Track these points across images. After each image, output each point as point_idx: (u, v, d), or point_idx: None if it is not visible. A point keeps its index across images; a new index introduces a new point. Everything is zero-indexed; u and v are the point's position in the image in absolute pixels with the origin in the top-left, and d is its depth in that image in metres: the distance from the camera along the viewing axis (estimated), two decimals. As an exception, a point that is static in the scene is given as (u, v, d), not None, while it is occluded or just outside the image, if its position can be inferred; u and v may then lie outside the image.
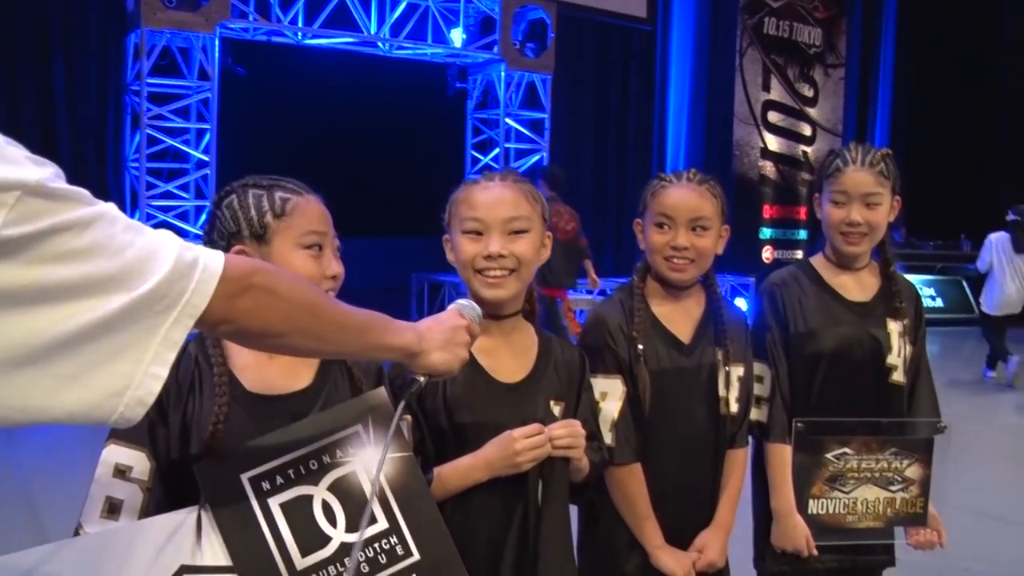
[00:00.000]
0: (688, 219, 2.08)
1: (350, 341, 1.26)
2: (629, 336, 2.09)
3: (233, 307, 1.07)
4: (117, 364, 0.95)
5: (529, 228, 1.79)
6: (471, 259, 1.77)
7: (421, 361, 1.38)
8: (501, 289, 1.77)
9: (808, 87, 12.73)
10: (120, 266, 0.94)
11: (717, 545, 2.13)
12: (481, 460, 1.72)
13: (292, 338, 1.17)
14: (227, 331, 1.12)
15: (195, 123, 8.30)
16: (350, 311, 1.26)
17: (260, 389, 1.48)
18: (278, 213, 1.50)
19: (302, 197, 1.53)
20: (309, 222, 1.52)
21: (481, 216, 1.77)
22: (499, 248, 1.75)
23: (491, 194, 1.79)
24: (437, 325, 1.42)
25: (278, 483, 1.36)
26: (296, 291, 1.17)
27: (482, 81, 10.36)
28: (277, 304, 1.13)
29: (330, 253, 1.54)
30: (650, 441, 2.09)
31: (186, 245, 1.03)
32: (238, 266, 1.08)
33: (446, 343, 1.40)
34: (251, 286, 1.09)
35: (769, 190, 12.37)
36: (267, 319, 1.12)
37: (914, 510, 2.27)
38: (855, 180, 2.24)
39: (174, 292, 0.98)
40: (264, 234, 1.49)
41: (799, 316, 2.29)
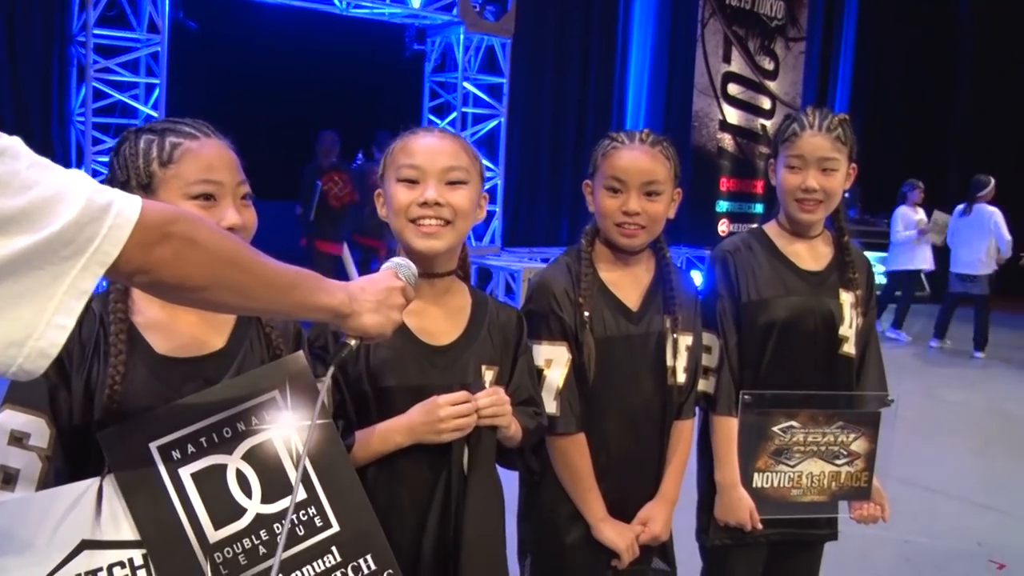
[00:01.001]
0: (640, 183, 2.01)
1: (276, 299, 1.20)
2: (575, 302, 2.02)
3: (150, 256, 1.00)
4: (18, 311, 0.89)
5: (467, 180, 1.71)
6: (405, 207, 1.69)
7: (352, 323, 1.31)
8: (436, 240, 1.69)
9: (769, 60, 12.71)
10: (23, 205, 0.88)
11: (661, 518, 2.09)
12: (403, 424, 1.65)
13: (213, 292, 1.10)
14: (143, 282, 1.05)
15: (144, 78, 8.06)
16: (278, 267, 1.18)
17: (169, 351, 1.38)
18: (164, 160, 1.38)
19: (196, 141, 1.40)
20: (198, 170, 1.39)
21: (419, 163, 1.69)
22: (436, 195, 1.67)
23: (429, 142, 1.72)
24: (371, 286, 1.35)
25: (189, 452, 1.28)
26: (220, 243, 1.10)
27: (440, 43, 10.19)
28: (198, 255, 1.06)
29: (228, 203, 1.41)
30: (595, 411, 2.03)
31: (100, 188, 0.97)
32: (157, 213, 1.01)
33: (379, 305, 1.34)
34: (170, 235, 1.02)
35: (727, 163, 12.38)
36: (187, 271, 1.05)
37: (858, 484, 2.25)
38: (812, 145, 2.18)
39: (83, 237, 0.92)
40: (150, 183, 1.38)
41: (751, 285, 2.24)
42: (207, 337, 1.42)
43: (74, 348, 1.34)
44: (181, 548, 1.25)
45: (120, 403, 1.31)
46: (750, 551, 2.25)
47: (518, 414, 1.78)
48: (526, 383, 1.86)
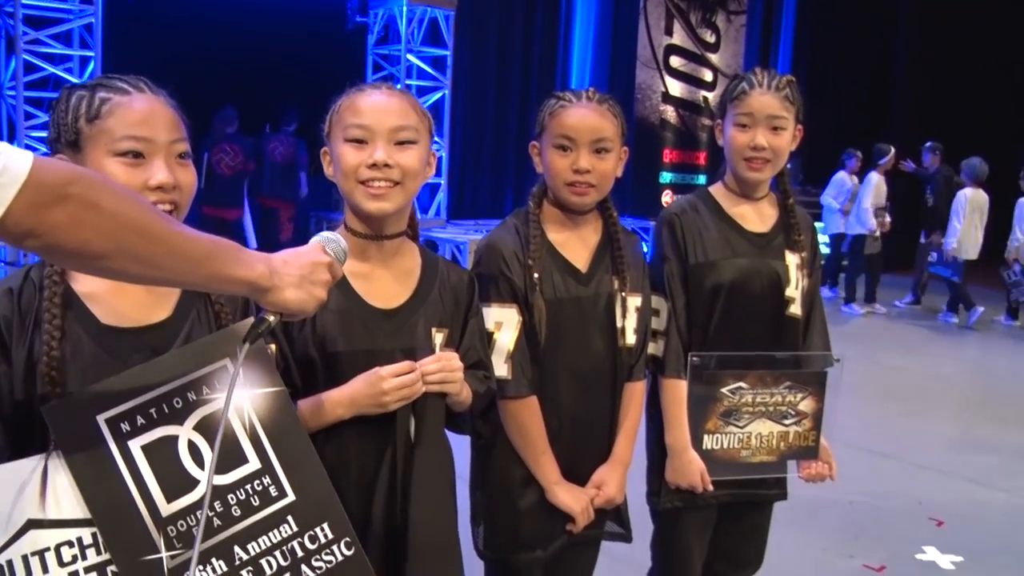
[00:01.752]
0: (590, 140, 2.00)
1: (187, 270, 1.12)
2: (525, 264, 2.01)
3: (42, 219, 0.94)
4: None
5: (417, 140, 1.68)
6: (354, 168, 1.65)
7: (271, 297, 1.23)
8: (385, 201, 1.65)
9: (710, 33, 12.76)
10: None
11: (615, 481, 2.10)
12: (345, 396, 1.61)
13: (115, 261, 1.03)
14: (35, 246, 0.98)
15: (78, 50, 7.83)
16: (192, 236, 1.11)
17: (114, 321, 1.35)
18: (91, 116, 1.33)
19: (127, 96, 1.35)
20: (126, 125, 1.33)
21: (366, 123, 1.64)
22: (385, 157, 1.63)
23: (378, 100, 1.67)
24: (294, 259, 1.28)
25: (139, 424, 1.25)
26: (124, 208, 1.02)
27: (383, 16, 10.05)
28: (98, 220, 0.99)
29: (159, 161, 1.35)
30: (546, 373, 2.03)
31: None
32: (51, 172, 0.95)
33: (302, 280, 1.26)
34: (66, 196, 0.95)
35: (670, 135, 12.43)
36: (85, 236, 0.98)
37: (806, 443, 2.29)
38: (761, 103, 2.20)
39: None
40: (77, 140, 1.33)
41: (698, 247, 2.24)
42: (153, 306, 1.38)
43: (13, 320, 1.30)
44: (133, 523, 1.23)
45: (64, 375, 1.27)
46: (701, 513, 2.28)
47: (468, 377, 1.76)
48: (476, 346, 1.84)
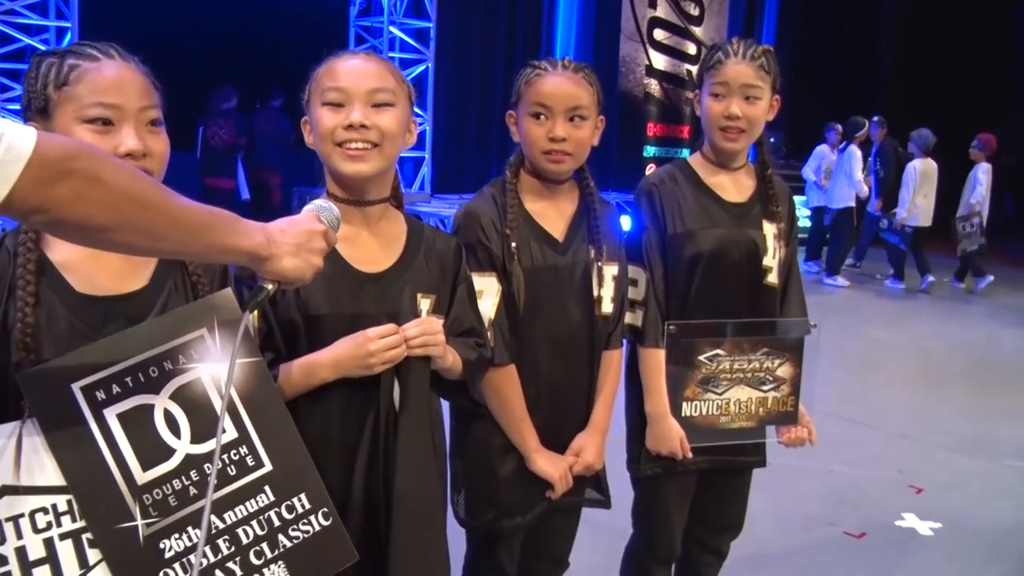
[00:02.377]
0: (566, 108, 2.00)
1: (188, 240, 1.13)
2: (502, 233, 2.01)
3: (48, 195, 0.94)
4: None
5: (394, 103, 1.67)
6: (331, 131, 1.64)
7: (269, 266, 1.25)
8: (363, 163, 1.64)
9: (694, 5, 12.72)
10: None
11: (594, 447, 2.12)
12: (329, 358, 1.60)
13: (119, 233, 1.05)
14: (41, 221, 0.99)
15: (54, 20, 7.75)
16: (191, 207, 1.12)
17: (89, 290, 1.34)
18: (60, 83, 1.32)
19: (96, 63, 1.34)
20: (93, 92, 1.32)
21: (343, 86, 1.64)
22: (362, 118, 1.62)
23: (354, 64, 1.66)
24: (290, 228, 1.30)
25: (114, 392, 1.25)
26: (126, 180, 1.04)
27: (365, -13, 10.00)
28: (101, 194, 1.00)
29: (129, 128, 1.34)
30: (525, 342, 2.04)
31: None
32: (55, 147, 0.95)
33: (298, 248, 1.28)
34: (70, 171, 0.96)
35: (654, 108, 12.42)
36: (89, 210, 0.99)
37: (785, 408, 2.31)
38: (736, 72, 2.20)
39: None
40: (46, 107, 1.32)
41: (677, 217, 2.25)
42: (129, 275, 1.38)
43: None
44: (108, 491, 1.23)
45: (39, 342, 1.27)
46: (680, 479, 2.30)
47: (457, 345, 1.75)
48: (467, 312, 1.83)
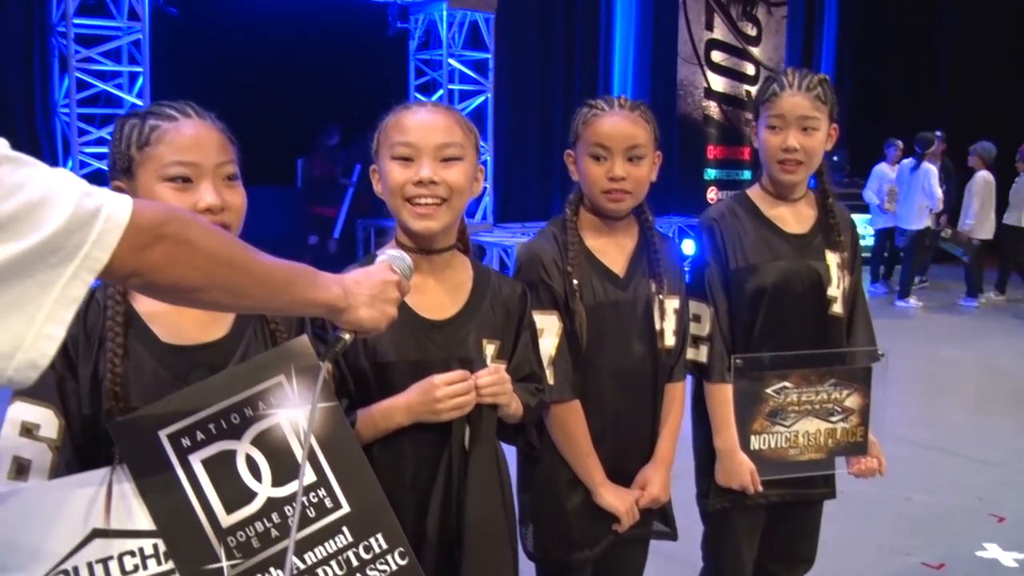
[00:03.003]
0: (624, 148, 2.03)
1: (271, 296, 1.19)
2: (564, 271, 2.04)
3: (143, 259, 0.99)
4: (6, 323, 0.86)
5: (463, 156, 1.70)
6: (400, 186, 1.67)
7: (347, 317, 1.30)
8: (431, 220, 1.68)
9: (751, 26, 12.66)
10: (7, 213, 0.85)
11: (659, 480, 2.13)
12: (402, 403, 1.65)
13: (208, 293, 1.10)
14: (137, 284, 1.04)
15: (127, 66, 8.00)
16: (272, 264, 1.17)
17: (173, 339, 1.40)
18: (141, 143, 1.39)
19: (173, 123, 1.40)
20: (174, 151, 1.38)
21: (412, 140, 1.67)
22: (431, 174, 1.65)
23: (423, 118, 1.70)
24: (365, 279, 1.34)
25: (199, 439, 1.30)
26: (214, 242, 1.08)
27: (424, 21, 10.13)
28: (192, 256, 1.04)
29: (207, 184, 1.40)
30: (588, 377, 2.06)
31: (88, 190, 0.94)
32: (148, 214, 0.99)
33: (373, 299, 1.33)
34: (163, 236, 1.00)
35: (713, 130, 12.36)
36: (181, 273, 1.04)
37: (854, 439, 2.29)
38: (792, 104, 2.20)
39: (72, 243, 0.90)
40: (130, 167, 1.39)
41: (739, 251, 2.26)
42: (211, 324, 1.44)
43: (79, 339, 1.36)
44: (194, 534, 1.28)
45: (127, 391, 1.33)
46: (750, 513, 2.30)
47: (519, 390, 1.78)
48: (529, 358, 1.86)
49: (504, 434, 1.85)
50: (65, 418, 1.33)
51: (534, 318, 1.95)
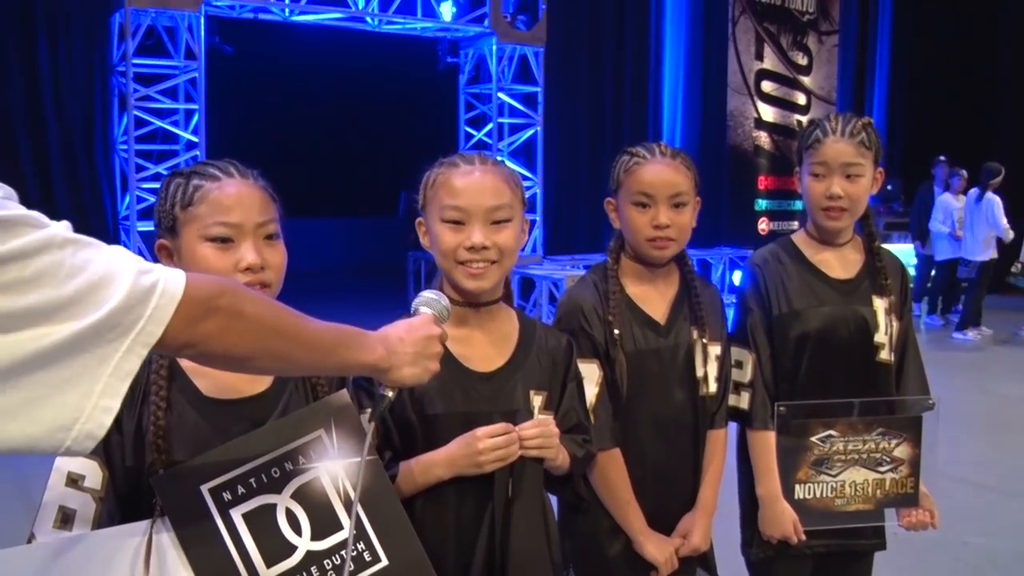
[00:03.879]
0: (668, 196, 2.03)
1: (318, 360, 1.23)
2: (604, 319, 2.05)
3: (196, 332, 1.02)
4: (65, 396, 0.90)
5: (512, 217, 1.72)
6: (452, 250, 1.70)
7: (391, 376, 1.34)
8: (483, 280, 1.71)
9: (802, 55, 12.60)
10: (69, 294, 0.89)
11: (701, 529, 2.11)
12: (444, 457, 1.66)
13: (259, 360, 1.14)
14: (190, 355, 1.08)
15: (183, 103, 8.21)
16: (320, 329, 1.21)
17: (216, 393, 1.43)
18: (185, 203, 1.42)
19: (216, 183, 1.43)
20: (216, 211, 1.41)
21: (463, 205, 1.69)
22: (482, 240, 1.67)
23: (472, 180, 1.70)
24: (408, 335, 1.36)
25: (240, 493, 1.32)
26: (264, 312, 1.12)
27: (473, 55, 10.25)
28: (243, 327, 1.08)
29: (247, 244, 1.43)
30: (629, 425, 2.06)
31: (144, 267, 0.98)
32: (202, 287, 1.03)
33: (417, 356, 1.36)
34: (216, 309, 1.04)
35: (764, 161, 12.28)
36: (232, 342, 1.08)
37: (904, 490, 2.24)
38: (835, 151, 2.18)
39: (128, 320, 0.94)
40: (174, 226, 1.43)
41: (782, 297, 2.24)
42: (253, 379, 1.46)
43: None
44: None
45: (170, 444, 1.36)
46: (795, 563, 2.25)
47: (565, 442, 1.78)
48: (576, 409, 1.86)
49: (551, 485, 1.85)
50: (109, 470, 1.36)
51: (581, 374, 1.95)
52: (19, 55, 8.12)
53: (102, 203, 8.33)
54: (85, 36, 8.37)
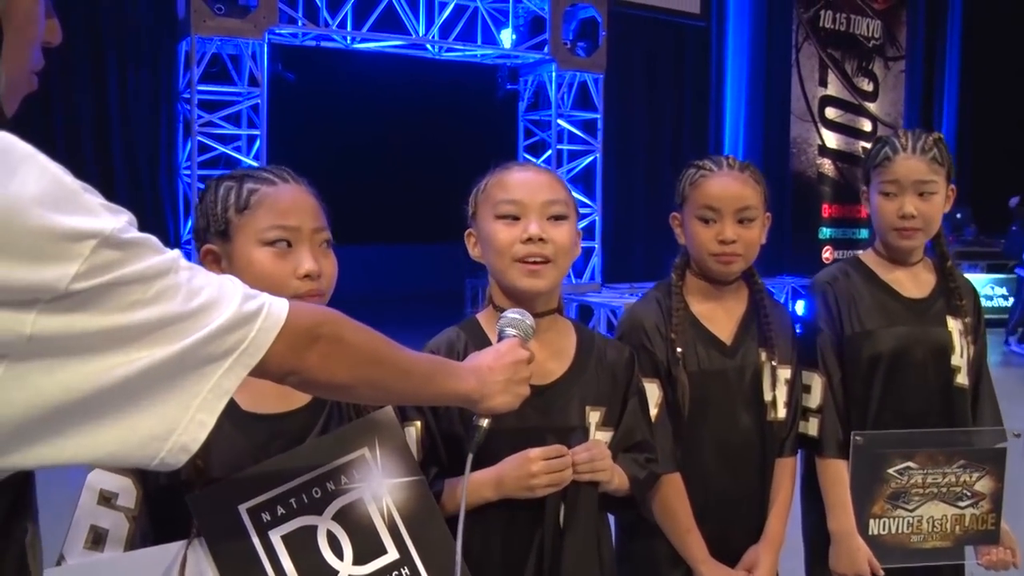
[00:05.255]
0: (735, 210, 1.95)
1: (414, 390, 1.25)
2: (667, 337, 1.96)
3: (300, 359, 1.04)
4: (165, 407, 0.91)
5: (568, 215, 1.65)
6: (508, 245, 1.61)
7: (483, 406, 1.34)
8: (539, 279, 1.61)
9: (867, 81, 12.42)
10: (183, 315, 0.92)
11: (768, 562, 2.00)
12: (492, 477, 1.56)
13: (359, 388, 1.16)
14: (294, 382, 1.09)
15: (246, 129, 8.32)
16: (414, 358, 1.22)
17: (254, 408, 1.37)
18: (240, 207, 1.37)
19: (273, 187, 1.39)
20: (274, 215, 1.37)
21: (518, 198, 1.61)
22: (539, 231, 1.59)
23: (527, 177, 1.65)
24: (497, 363, 1.36)
25: (279, 514, 1.26)
26: (364, 339, 1.14)
27: (533, 82, 10.25)
28: (345, 355, 1.10)
29: (305, 250, 1.38)
30: (691, 448, 1.96)
31: (251, 294, 1.00)
32: (306, 316, 1.05)
33: (507, 384, 1.36)
34: (319, 336, 1.06)
35: (828, 188, 12.10)
36: (335, 370, 1.10)
37: (985, 527, 2.11)
38: (907, 168, 2.08)
39: (231, 340, 0.96)
40: (227, 230, 1.38)
41: (853, 316, 2.13)
42: (292, 394, 1.39)
43: None
44: None
45: (206, 461, 1.30)
46: (868, 602, 2.13)
47: (625, 462, 1.69)
48: (638, 426, 1.76)
49: (612, 506, 1.75)
50: (143, 488, 1.31)
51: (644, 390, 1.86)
52: (88, 81, 8.30)
53: (165, 227, 8.45)
54: (152, 63, 8.54)
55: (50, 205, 0.82)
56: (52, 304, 0.82)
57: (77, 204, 0.85)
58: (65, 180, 0.86)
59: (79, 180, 0.89)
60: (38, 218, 0.81)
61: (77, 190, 0.87)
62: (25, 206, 0.81)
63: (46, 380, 0.83)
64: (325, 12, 8.56)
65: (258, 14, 7.91)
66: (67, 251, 0.82)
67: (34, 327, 0.81)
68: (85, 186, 0.89)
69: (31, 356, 0.82)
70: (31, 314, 0.81)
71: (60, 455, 0.87)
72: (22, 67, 0.99)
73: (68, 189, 0.86)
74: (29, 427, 0.84)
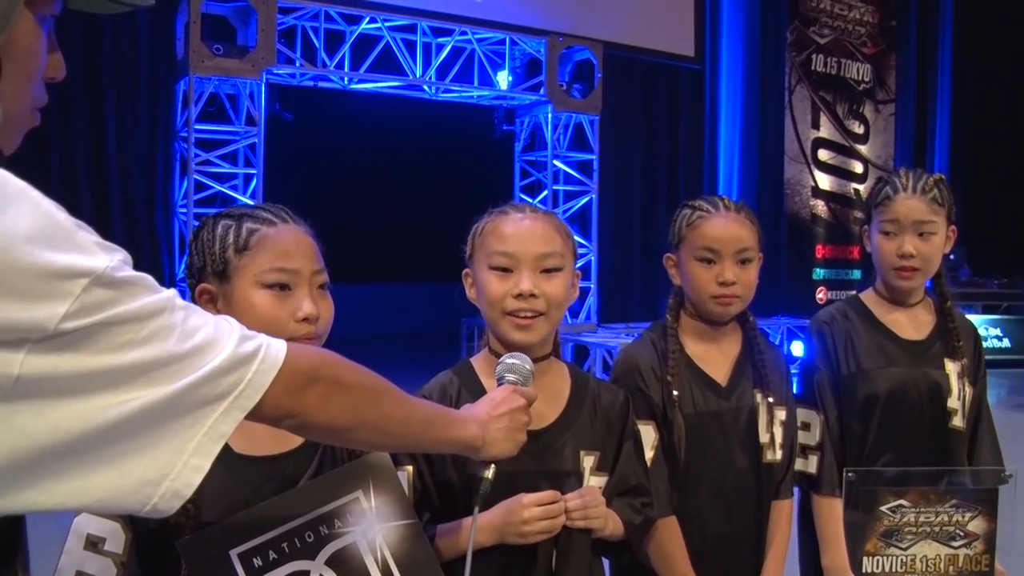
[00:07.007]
0: (734, 251, 1.96)
1: (414, 436, 1.23)
2: (662, 379, 1.96)
3: (299, 401, 1.02)
4: (157, 451, 0.89)
5: (562, 266, 1.65)
6: (500, 298, 1.62)
7: (484, 453, 1.35)
8: (530, 332, 1.62)
9: (858, 124, 12.50)
10: (177, 356, 0.90)
11: None
12: (486, 523, 1.55)
13: (358, 432, 1.14)
14: (291, 425, 1.07)
15: (242, 168, 8.32)
16: (415, 404, 1.21)
17: (246, 450, 1.36)
18: (240, 247, 1.37)
19: (273, 228, 1.38)
20: (274, 257, 1.36)
21: (512, 251, 1.62)
22: (531, 287, 1.60)
23: (522, 227, 1.65)
24: (495, 411, 1.37)
25: (271, 559, 1.24)
26: (363, 383, 1.13)
27: (529, 123, 10.30)
28: (344, 398, 1.09)
29: (304, 292, 1.38)
30: (687, 491, 1.95)
31: (247, 335, 0.98)
32: (303, 358, 1.03)
33: (508, 431, 1.37)
34: (318, 379, 1.04)
35: (821, 229, 12.13)
36: (333, 413, 1.08)
37: (979, 568, 2.09)
38: (907, 208, 2.09)
39: (227, 383, 0.94)
40: (225, 270, 1.37)
41: (850, 356, 2.14)
42: (285, 436, 1.39)
43: None
44: None
45: (197, 504, 1.28)
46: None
47: (620, 508, 1.69)
48: (633, 470, 1.75)
49: (606, 551, 1.74)
50: (132, 532, 1.29)
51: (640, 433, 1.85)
52: (86, 118, 8.33)
53: (161, 265, 8.44)
54: (150, 102, 8.57)
55: (42, 242, 0.80)
56: (41, 344, 0.80)
57: (70, 242, 0.83)
58: (58, 217, 0.84)
59: (73, 217, 0.87)
60: (29, 255, 0.79)
61: (70, 227, 0.85)
62: (16, 243, 0.79)
63: (35, 421, 0.81)
64: (323, 53, 8.62)
65: (256, 54, 7.96)
66: (58, 290, 0.80)
67: (22, 368, 0.80)
68: (79, 223, 0.87)
69: (19, 397, 0.81)
70: (20, 354, 0.80)
71: (49, 500, 0.84)
72: (22, 103, 0.97)
73: (61, 226, 0.84)
74: (17, 470, 0.82)
